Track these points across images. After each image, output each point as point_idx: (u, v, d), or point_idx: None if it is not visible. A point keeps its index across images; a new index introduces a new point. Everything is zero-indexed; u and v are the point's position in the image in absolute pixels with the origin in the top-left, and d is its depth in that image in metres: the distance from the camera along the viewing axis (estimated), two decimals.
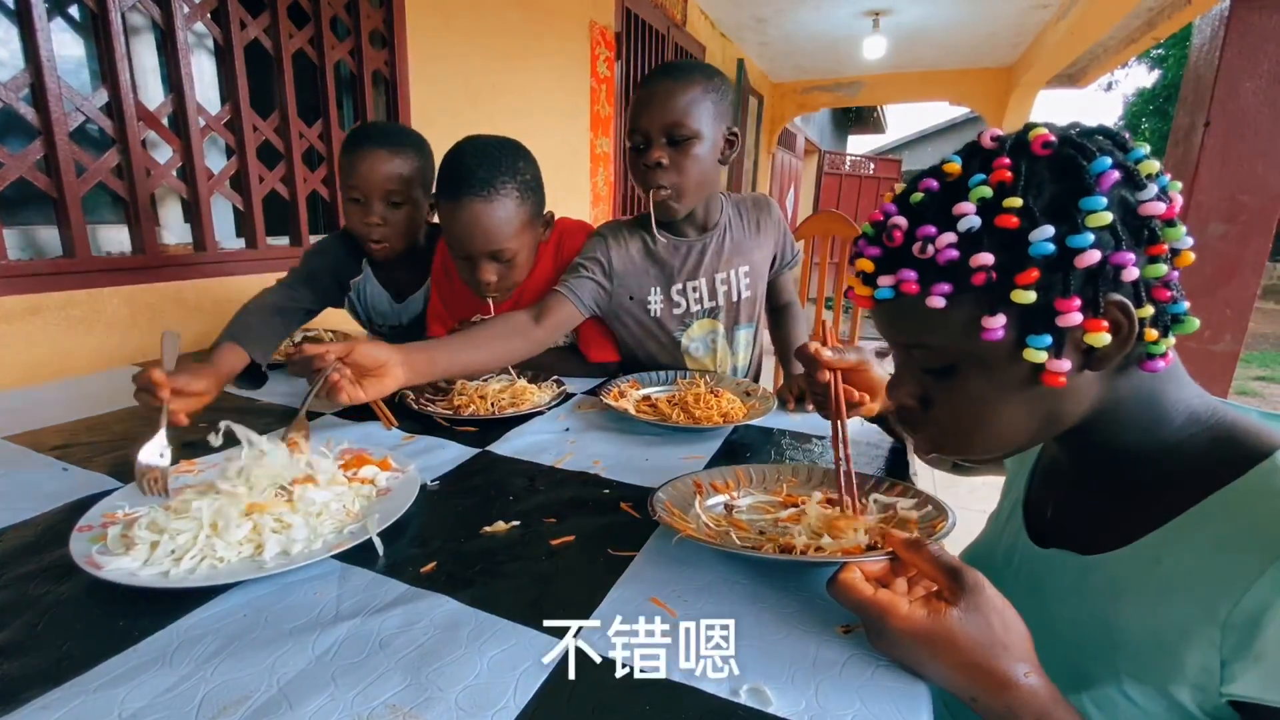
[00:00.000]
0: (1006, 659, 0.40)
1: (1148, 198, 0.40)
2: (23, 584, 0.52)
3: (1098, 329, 0.40)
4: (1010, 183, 0.41)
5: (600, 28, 2.98)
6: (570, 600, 0.51)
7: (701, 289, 1.13)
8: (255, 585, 0.52)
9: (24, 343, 1.12)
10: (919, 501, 0.61)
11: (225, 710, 0.40)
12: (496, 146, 1.00)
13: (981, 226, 0.41)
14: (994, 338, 0.42)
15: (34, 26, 1.08)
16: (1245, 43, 1.61)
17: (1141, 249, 0.41)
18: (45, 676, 0.42)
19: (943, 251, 0.42)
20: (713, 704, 0.41)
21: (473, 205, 0.96)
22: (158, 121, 1.30)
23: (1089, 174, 0.40)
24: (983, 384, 0.46)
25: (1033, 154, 0.42)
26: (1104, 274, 0.40)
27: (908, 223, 0.45)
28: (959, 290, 0.43)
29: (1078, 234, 0.39)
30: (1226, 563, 0.40)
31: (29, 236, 1.21)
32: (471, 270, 1.02)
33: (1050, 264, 0.40)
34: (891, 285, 0.45)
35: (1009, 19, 4.41)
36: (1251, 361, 5.39)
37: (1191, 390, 0.47)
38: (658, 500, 0.62)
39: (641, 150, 1.02)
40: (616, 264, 1.10)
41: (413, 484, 0.66)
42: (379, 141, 1.09)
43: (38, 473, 0.73)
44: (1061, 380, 0.42)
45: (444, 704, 0.40)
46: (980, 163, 0.44)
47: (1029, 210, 0.40)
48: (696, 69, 1.02)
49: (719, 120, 1.03)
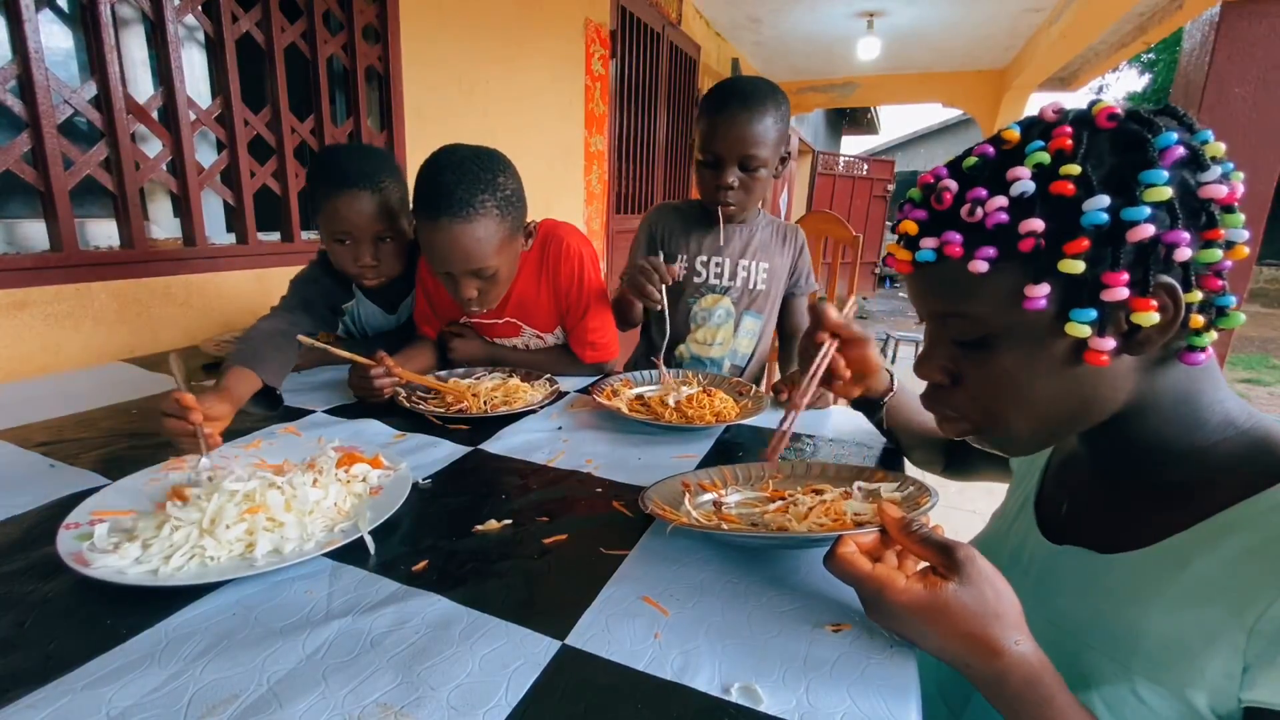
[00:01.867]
0: (999, 627, 0.41)
1: (1210, 179, 0.39)
2: (9, 582, 0.52)
3: (1146, 308, 0.39)
4: (1070, 151, 0.40)
5: (595, 25, 2.97)
6: (562, 599, 0.51)
7: (724, 267, 1.26)
8: (245, 584, 0.52)
9: (10, 338, 1.11)
10: (900, 484, 0.62)
11: (214, 709, 0.40)
12: (474, 160, 0.94)
13: (1035, 192, 0.40)
14: (1036, 307, 0.41)
15: (22, 18, 1.07)
16: (1235, 48, 1.62)
17: (1197, 232, 0.39)
18: (32, 675, 0.42)
19: (992, 215, 0.41)
20: (704, 702, 0.41)
21: (451, 226, 0.91)
22: (147, 115, 1.29)
23: (1153, 147, 0.39)
24: (1020, 359, 0.44)
25: (1096, 125, 0.41)
26: (1155, 253, 0.39)
27: (958, 186, 0.43)
28: (1004, 256, 0.42)
29: (1134, 207, 0.38)
30: (1258, 570, 0.40)
31: (15, 230, 1.19)
32: (453, 286, 1.00)
33: (1101, 236, 0.39)
34: (935, 248, 0.44)
35: (1002, 22, 4.43)
36: (1237, 364, 5.45)
37: (1227, 392, 0.46)
38: (648, 497, 0.62)
39: (712, 168, 1.13)
40: (659, 231, 1.28)
41: (404, 482, 0.66)
42: (357, 181, 1.02)
43: (24, 469, 0.72)
44: (1104, 359, 0.41)
45: (435, 703, 0.40)
46: (1040, 132, 0.42)
47: (1086, 179, 0.39)
48: (768, 95, 1.10)
49: (780, 143, 1.13)
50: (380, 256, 1.08)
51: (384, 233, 1.06)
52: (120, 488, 0.64)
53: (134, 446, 0.78)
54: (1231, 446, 0.45)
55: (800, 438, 0.88)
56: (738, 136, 1.08)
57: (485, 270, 0.97)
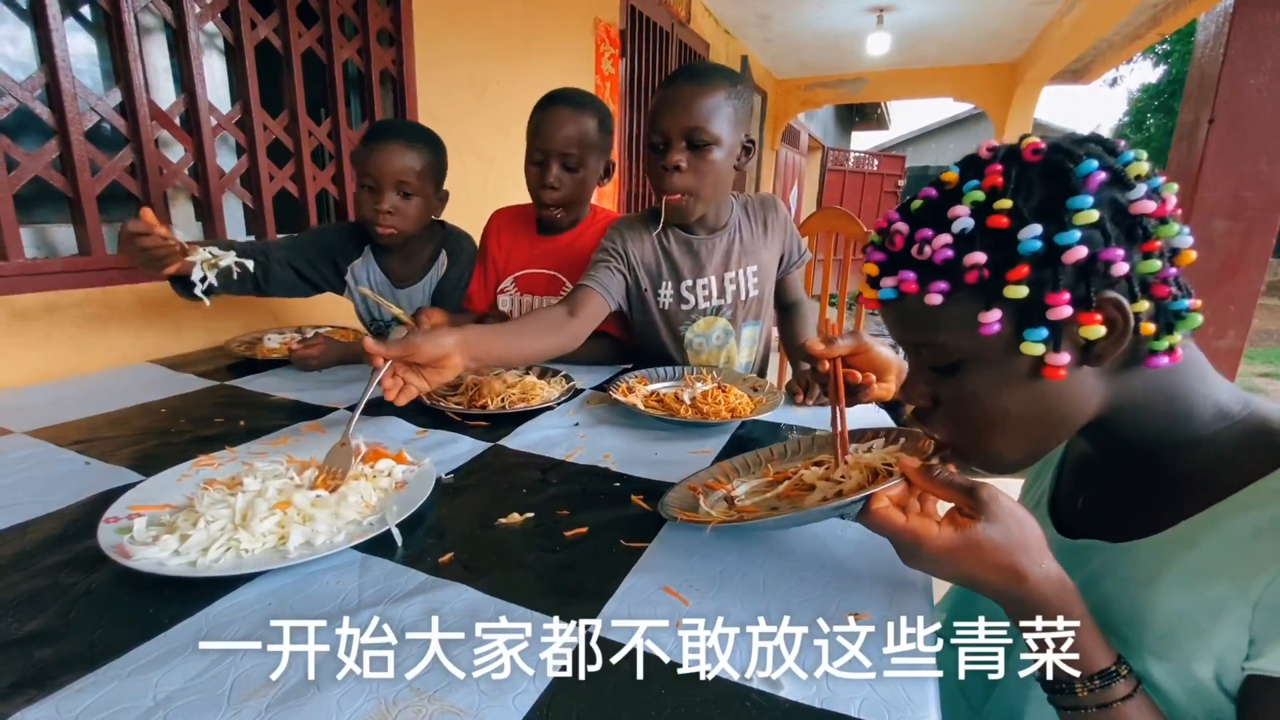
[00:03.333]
0: (1024, 555, 0.44)
1: (1137, 196, 0.42)
2: (53, 574, 0.54)
3: (1091, 322, 0.42)
4: (1001, 187, 0.43)
5: (605, 25, 2.99)
6: (585, 590, 0.52)
7: (711, 287, 1.16)
8: (278, 575, 0.54)
9: (41, 340, 1.14)
10: (892, 437, 0.65)
11: (255, 693, 0.41)
12: None
13: (975, 228, 0.44)
14: (990, 332, 0.44)
15: (49, 27, 1.10)
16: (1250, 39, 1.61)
17: (1135, 246, 0.42)
18: (80, 662, 0.44)
19: (938, 251, 0.44)
20: (725, 690, 0.42)
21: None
22: (170, 121, 1.32)
23: (1075, 176, 0.42)
24: (987, 379, 0.47)
25: (1024, 160, 0.44)
26: (1095, 270, 0.42)
27: (909, 228, 0.47)
28: (956, 288, 0.45)
29: (1065, 231, 0.41)
30: (1262, 547, 0.42)
31: (45, 235, 1.23)
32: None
33: (1040, 261, 0.42)
34: (893, 286, 0.48)
35: (1013, 15, 4.39)
36: (1255, 358, 5.38)
37: (1220, 384, 0.48)
38: (669, 509, 0.62)
39: (661, 151, 1.03)
40: (634, 256, 1.13)
41: (428, 477, 0.67)
42: (396, 135, 1.16)
43: (60, 466, 0.74)
44: (1061, 373, 0.44)
45: (466, 688, 0.42)
46: (975, 171, 0.46)
47: (1018, 211, 0.42)
48: (721, 73, 1.03)
49: (739, 127, 1.04)
50: (398, 207, 1.17)
51: (407, 185, 1.17)
52: (154, 484, 0.66)
53: (165, 444, 0.81)
54: (1229, 436, 0.47)
55: (816, 432, 0.89)
56: (684, 108, 0.99)
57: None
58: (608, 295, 1.06)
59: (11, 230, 1.09)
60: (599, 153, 1.24)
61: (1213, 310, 1.72)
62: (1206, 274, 1.70)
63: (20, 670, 0.43)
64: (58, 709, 0.40)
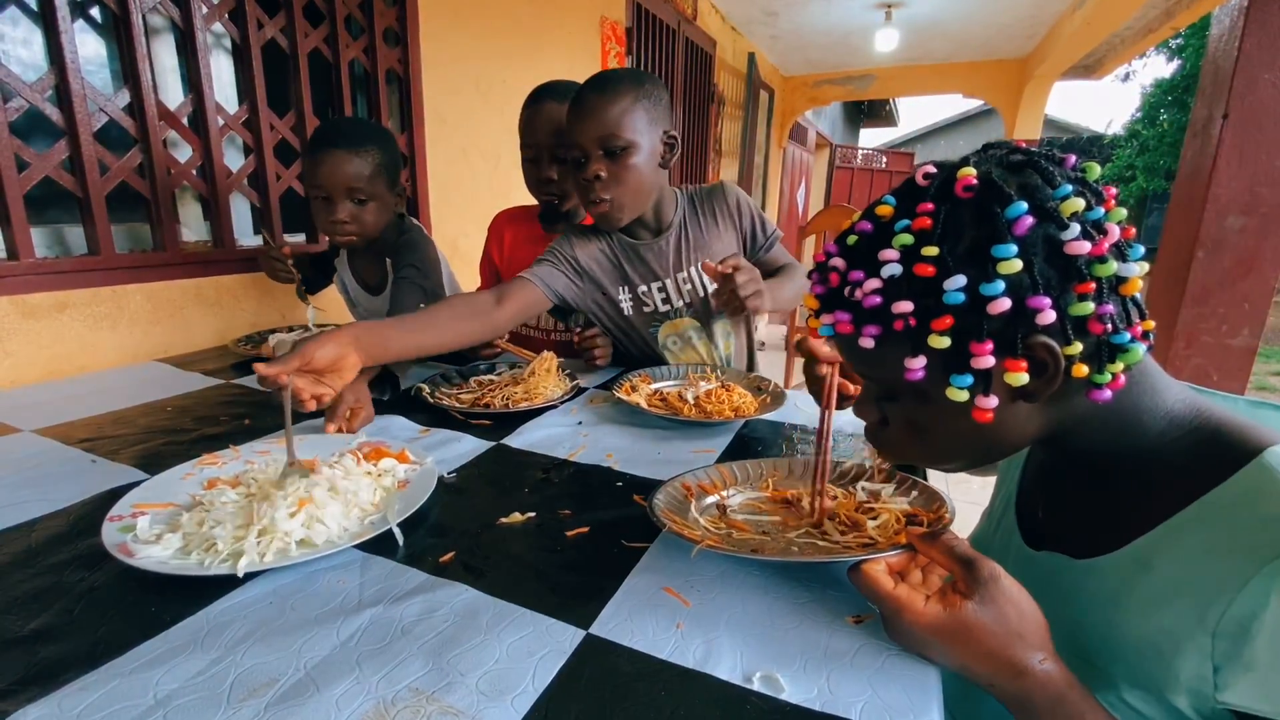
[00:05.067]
0: (1021, 648, 0.41)
1: (1070, 237, 0.40)
2: (58, 571, 0.54)
3: (1016, 369, 0.41)
4: (930, 229, 0.42)
5: (611, 23, 2.98)
6: (586, 589, 0.52)
7: (667, 289, 1.15)
8: (279, 574, 0.54)
9: (51, 338, 1.15)
10: (903, 486, 0.63)
11: (255, 692, 0.41)
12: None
13: (902, 274, 0.43)
14: (915, 378, 0.43)
15: (58, 28, 1.10)
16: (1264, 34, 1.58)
17: (1069, 285, 0.41)
18: (83, 659, 0.44)
19: (868, 297, 0.44)
20: (726, 691, 0.42)
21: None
22: (178, 121, 1.32)
23: (1002, 220, 0.40)
24: (922, 413, 0.48)
25: (955, 198, 0.43)
26: (1022, 316, 0.40)
27: (845, 264, 0.46)
28: (885, 332, 0.44)
29: (989, 281, 0.40)
30: (1216, 568, 0.41)
31: (55, 235, 1.24)
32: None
33: (964, 310, 0.41)
34: (830, 324, 0.48)
35: (1024, 10, 4.35)
36: (1270, 357, 5.30)
37: (1171, 393, 0.47)
38: (656, 508, 0.60)
39: (581, 165, 1.02)
40: (584, 261, 1.12)
41: (430, 476, 0.67)
42: (341, 142, 1.12)
43: (67, 465, 0.75)
44: (989, 416, 0.43)
45: (465, 688, 0.42)
46: (909, 206, 0.44)
47: (943, 260, 0.41)
48: (625, 78, 1.02)
49: (654, 125, 1.03)
50: (354, 215, 1.15)
51: (360, 194, 1.14)
52: (159, 482, 0.67)
53: (171, 443, 0.81)
54: (1179, 445, 0.46)
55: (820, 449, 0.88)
56: (593, 118, 0.98)
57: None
58: (546, 289, 1.07)
59: (22, 230, 1.10)
60: None
61: (1227, 308, 1.70)
62: (1221, 271, 1.68)
63: (23, 668, 0.43)
64: (60, 706, 0.40)
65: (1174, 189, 1.85)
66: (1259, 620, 0.38)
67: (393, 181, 1.21)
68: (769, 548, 0.56)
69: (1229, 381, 1.74)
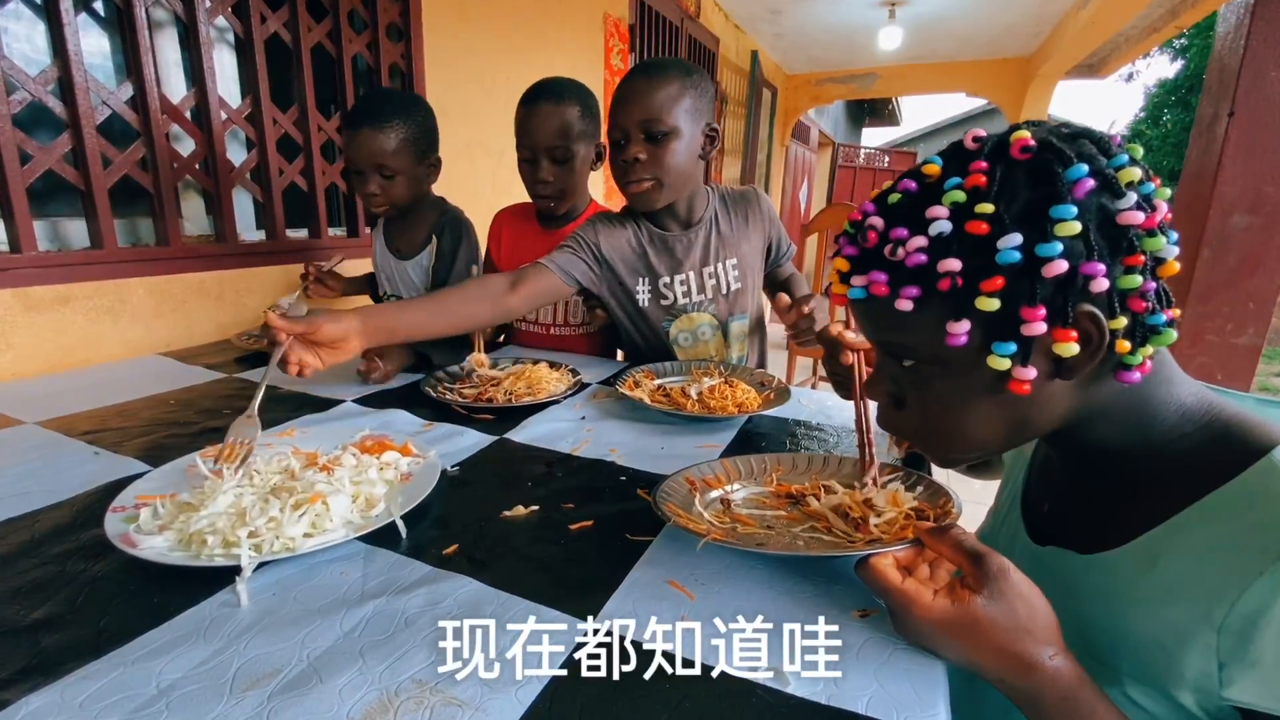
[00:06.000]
0: (1030, 643, 0.41)
1: (1125, 206, 0.39)
2: (61, 562, 0.54)
3: (1066, 339, 0.40)
4: (984, 188, 0.41)
5: (614, 20, 2.97)
6: (589, 583, 0.52)
7: (690, 283, 1.15)
8: (283, 565, 0.54)
9: (54, 331, 1.15)
10: (909, 480, 0.62)
11: (258, 683, 0.41)
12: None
13: (952, 231, 0.41)
14: (957, 343, 0.42)
15: (61, 22, 1.10)
16: (1271, 31, 1.58)
17: (1118, 258, 0.40)
18: (86, 649, 0.44)
19: (911, 255, 0.42)
20: (731, 685, 0.42)
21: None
22: (181, 115, 1.32)
23: (1063, 181, 0.39)
24: (950, 386, 0.46)
25: (1011, 158, 0.41)
26: (1074, 283, 0.40)
27: (884, 223, 0.45)
28: (927, 294, 0.43)
29: (1046, 242, 0.39)
30: (1223, 565, 0.40)
31: (57, 228, 1.24)
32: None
33: (1017, 272, 0.40)
34: (863, 286, 0.46)
35: (1028, 8, 4.34)
36: (1274, 358, 5.29)
37: (1185, 388, 0.46)
38: (661, 500, 0.60)
39: (621, 145, 1.03)
40: (606, 250, 1.12)
41: (433, 469, 0.67)
42: (368, 119, 1.17)
43: (70, 457, 0.74)
44: (1026, 388, 0.42)
45: (468, 681, 0.42)
46: (959, 165, 0.43)
47: (999, 217, 0.40)
48: (674, 66, 1.03)
49: (698, 117, 1.04)
50: (384, 188, 1.21)
51: (387, 169, 1.20)
52: (162, 473, 0.67)
53: (173, 435, 0.81)
54: (1190, 441, 0.45)
55: (824, 429, 0.88)
56: (638, 102, 1.00)
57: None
58: (564, 275, 1.07)
59: (25, 223, 1.10)
60: (587, 139, 1.25)
61: (1231, 307, 1.69)
62: (1226, 270, 1.67)
63: (26, 657, 0.43)
64: (62, 696, 0.40)
65: (1179, 187, 1.84)
66: (1265, 617, 0.37)
67: (422, 154, 1.24)
68: (774, 542, 0.56)
69: (1233, 381, 1.73)
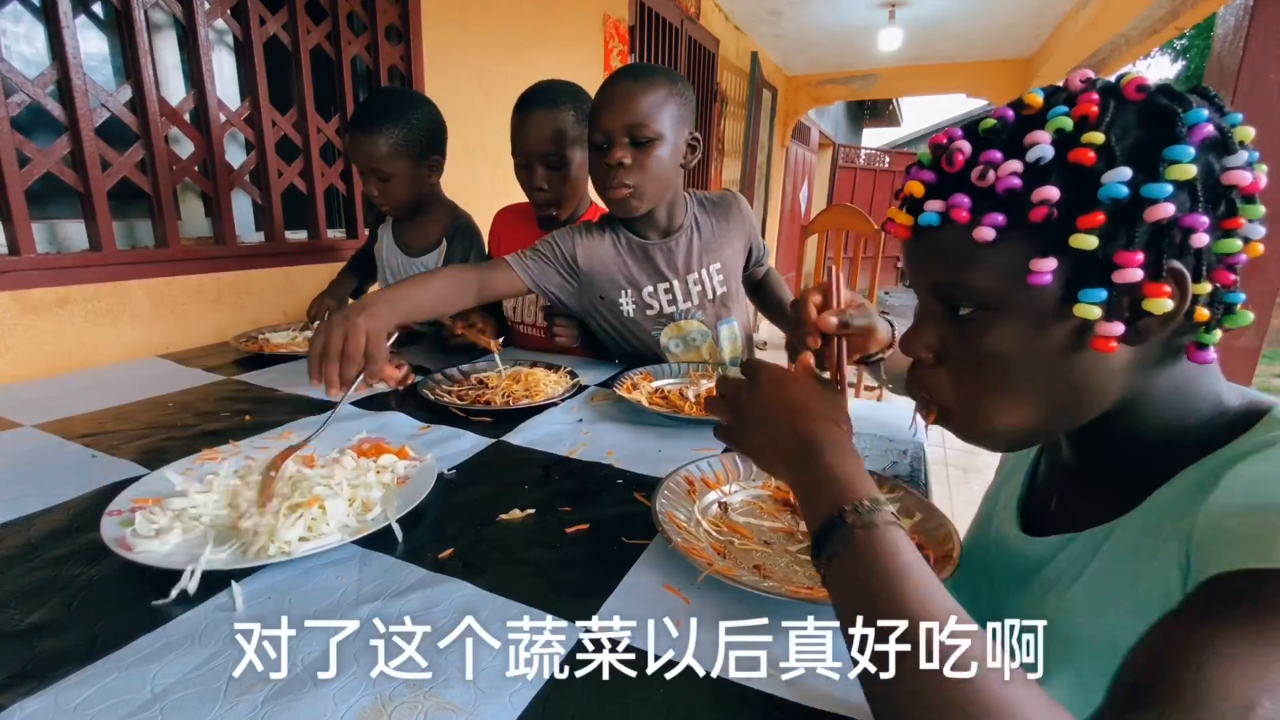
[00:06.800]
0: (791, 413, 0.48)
1: (1236, 165, 0.37)
2: (56, 565, 0.54)
3: (1159, 294, 0.37)
4: (1094, 119, 0.38)
5: (614, 21, 2.98)
6: (585, 587, 0.52)
7: (674, 290, 1.14)
8: (278, 569, 0.54)
9: (53, 334, 1.15)
10: (900, 495, 0.62)
11: (252, 688, 0.41)
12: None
13: (1053, 159, 0.38)
14: (1041, 282, 0.39)
15: (60, 24, 1.10)
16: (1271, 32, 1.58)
17: (1218, 219, 0.37)
18: (80, 653, 0.44)
19: (1004, 180, 0.39)
20: (726, 690, 0.42)
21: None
22: (180, 117, 1.32)
23: (1182, 123, 0.37)
24: (1013, 339, 0.42)
25: (1124, 96, 0.39)
26: (1170, 236, 0.37)
27: (972, 148, 0.41)
28: (1013, 226, 0.39)
29: (1156, 183, 0.36)
30: (1200, 496, 0.38)
31: (56, 230, 1.24)
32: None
33: (1118, 211, 0.37)
34: (940, 211, 0.42)
35: (1029, 9, 4.34)
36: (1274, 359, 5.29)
37: (1222, 381, 0.45)
38: (662, 514, 0.59)
39: (603, 149, 1.02)
40: (583, 261, 1.11)
41: (430, 473, 0.67)
42: (364, 124, 1.22)
43: (67, 460, 0.75)
44: (1113, 345, 0.39)
45: (462, 685, 0.41)
46: (1065, 99, 0.40)
47: (1109, 148, 0.37)
48: (660, 72, 1.03)
49: (682, 124, 1.04)
50: (381, 189, 1.27)
51: (381, 172, 1.24)
52: (159, 477, 0.66)
53: (171, 438, 0.81)
54: (1217, 425, 0.43)
55: None
56: (623, 106, 0.99)
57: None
58: (533, 285, 1.08)
59: (24, 225, 1.10)
60: (582, 143, 1.24)
61: None
62: None
63: (21, 661, 0.43)
64: (56, 700, 0.40)
65: None
66: (1226, 510, 0.36)
67: (420, 154, 1.27)
68: (771, 565, 0.56)
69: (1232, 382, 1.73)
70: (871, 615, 0.34)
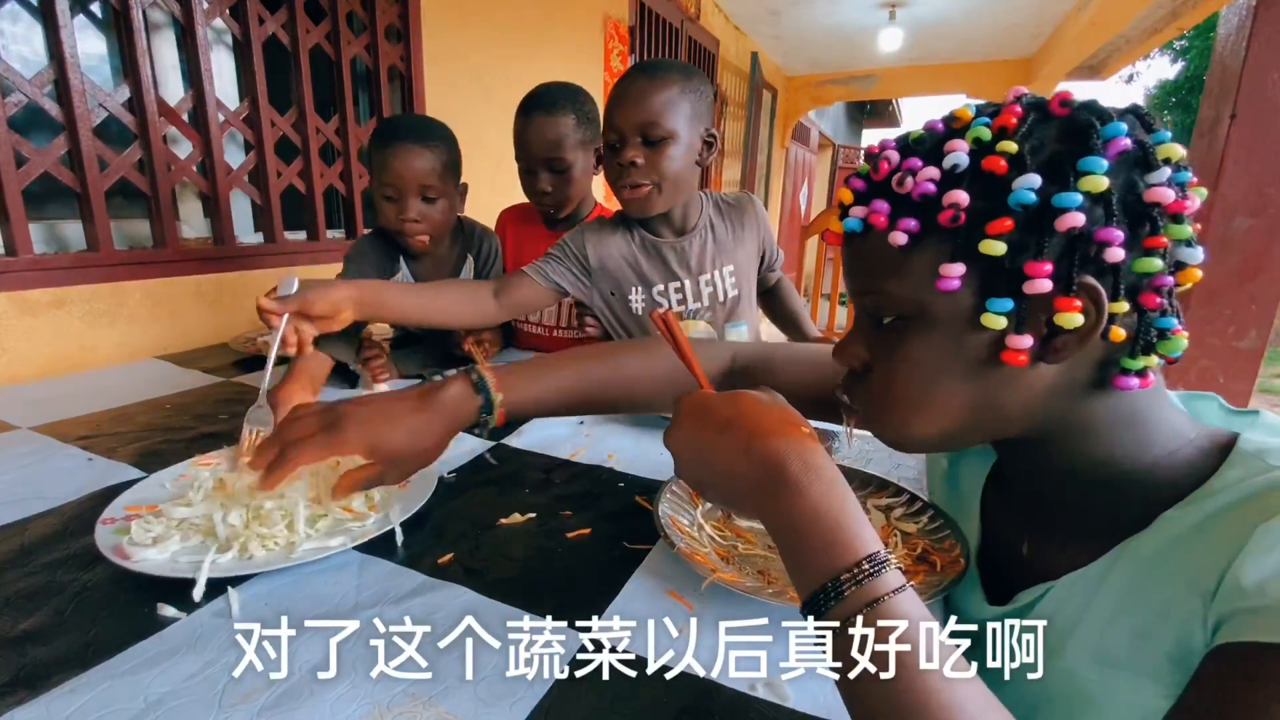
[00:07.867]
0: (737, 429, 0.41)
1: (1158, 181, 0.36)
2: (50, 571, 0.53)
3: (1069, 308, 0.36)
4: (1012, 130, 0.38)
5: (614, 21, 2.97)
6: (586, 592, 0.51)
7: (685, 291, 1.13)
8: (276, 575, 0.53)
9: (50, 335, 1.14)
10: (915, 507, 0.61)
11: (248, 696, 0.40)
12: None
13: (968, 168, 0.38)
14: (949, 288, 0.39)
15: (57, 23, 1.10)
16: (1273, 33, 1.57)
17: (1138, 238, 0.37)
18: (73, 661, 0.43)
19: (920, 185, 0.39)
20: (729, 697, 0.41)
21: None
22: (178, 117, 1.32)
23: (1098, 135, 0.37)
24: (930, 348, 0.42)
25: (1048, 111, 0.39)
26: (1083, 250, 0.36)
27: (899, 156, 0.42)
28: (926, 231, 0.40)
29: (1066, 192, 0.36)
30: (1207, 541, 0.37)
31: (53, 231, 1.23)
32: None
33: (1028, 220, 0.37)
34: (862, 217, 0.43)
35: (1029, 10, 4.33)
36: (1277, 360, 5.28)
37: (1175, 410, 0.44)
38: (665, 520, 0.58)
39: (616, 149, 1.00)
40: (593, 259, 1.10)
41: (431, 477, 0.66)
42: (409, 136, 1.08)
43: (63, 462, 0.74)
44: (1022, 359, 0.38)
45: (462, 693, 0.41)
46: (993, 110, 0.41)
47: (1020, 158, 0.37)
48: (675, 68, 1.01)
49: (696, 121, 1.01)
50: (425, 214, 1.10)
51: (430, 190, 1.09)
52: (155, 481, 0.66)
53: (169, 440, 0.80)
54: (1183, 455, 0.42)
55: (827, 436, 0.87)
56: (636, 104, 0.97)
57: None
58: (550, 285, 1.07)
59: (21, 226, 1.10)
60: (585, 146, 1.24)
61: (1234, 309, 1.69)
62: (1228, 272, 1.66)
63: (13, 669, 0.43)
64: (49, 709, 0.39)
65: None
66: (1260, 570, 0.34)
67: (458, 178, 1.18)
68: (775, 570, 0.55)
69: (1236, 383, 1.73)
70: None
